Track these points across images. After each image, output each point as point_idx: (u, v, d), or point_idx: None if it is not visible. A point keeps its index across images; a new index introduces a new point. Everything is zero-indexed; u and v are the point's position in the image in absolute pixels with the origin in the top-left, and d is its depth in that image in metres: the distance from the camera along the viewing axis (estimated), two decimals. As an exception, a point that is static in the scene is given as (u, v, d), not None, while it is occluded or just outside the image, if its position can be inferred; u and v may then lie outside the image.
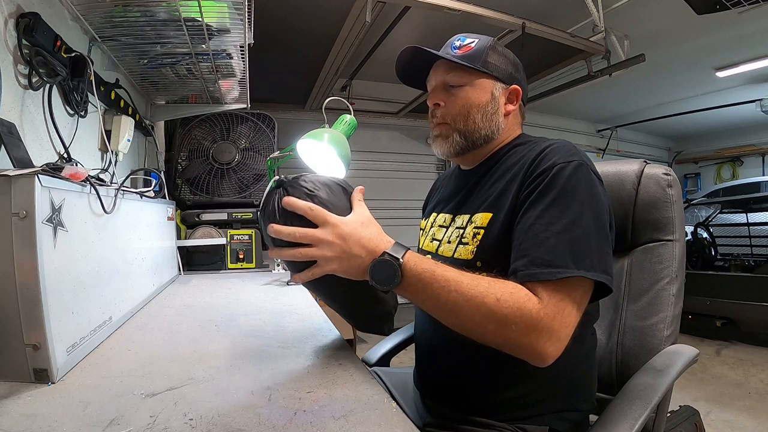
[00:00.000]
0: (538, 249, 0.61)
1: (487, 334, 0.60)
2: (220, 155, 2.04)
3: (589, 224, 0.63)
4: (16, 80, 0.92)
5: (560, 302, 0.59)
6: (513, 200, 0.70)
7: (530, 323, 0.57)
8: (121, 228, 0.97)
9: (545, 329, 0.58)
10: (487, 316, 0.58)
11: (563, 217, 0.63)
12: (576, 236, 0.62)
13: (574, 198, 0.64)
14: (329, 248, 0.62)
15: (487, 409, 0.72)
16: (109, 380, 0.63)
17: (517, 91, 0.83)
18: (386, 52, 3.28)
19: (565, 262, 0.60)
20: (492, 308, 0.58)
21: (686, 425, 0.94)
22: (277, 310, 1.11)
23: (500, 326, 0.58)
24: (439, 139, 0.83)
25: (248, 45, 1.34)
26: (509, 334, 0.58)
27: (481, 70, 0.79)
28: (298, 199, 0.63)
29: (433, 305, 0.62)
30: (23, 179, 0.59)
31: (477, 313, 0.59)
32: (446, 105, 0.81)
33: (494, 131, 0.81)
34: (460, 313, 0.60)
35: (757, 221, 3.65)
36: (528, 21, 2.45)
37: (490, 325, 0.58)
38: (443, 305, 0.61)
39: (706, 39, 3.36)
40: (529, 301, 0.58)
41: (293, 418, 0.52)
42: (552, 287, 0.59)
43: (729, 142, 6.72)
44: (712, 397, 2.31)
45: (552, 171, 0.67)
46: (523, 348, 0.59)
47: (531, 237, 0.63)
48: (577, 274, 0.59)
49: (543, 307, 0.58)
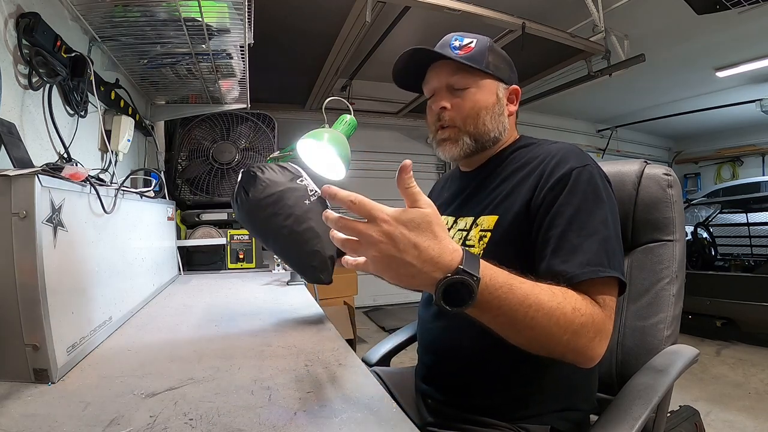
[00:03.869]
0: (577, 255, 0.62)
1: (558, 345, 0.57)
2: (220, 155, 2.04)
3: (611, 226, 0.65)
4: (16, 80, 0.92)
5: (611, 303, 0.61)
6: (523, 204, 0.70)
7: (598, 328, 0.58)
8: (121, 228, 0.97)
9: (606, 331, 0.59)
10: (564, 328, 0.55)
11: (592, 220, 0.64)
12: (605, 237, 0.63)
13: (598, 202, 0.66)
14: (375, 248, 0.48)
15: (489, 409, 0.72)
16: (109, 380, 0.63)
17: (517, 91, 0.83)
18: (386, 52, 3.29)
19: (603, 262, 0.61)
20: (570, 319, 0.56)
21: (686, 425, 0.94)
22: (277, 310, 1.11)
23: (574, 335, 0.56)
24: (448, 143, 0.81)
25: (248, 45, 1.34)
26: (581, 341, 0.57)
27: (486, 71, 0.78)
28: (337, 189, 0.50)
29: (506, 322, 0.55)
30: (23, 179, 0.59)
31: (556, 325, 0.55)
32: (453, 108, 0.79)
33: (502, 132, 0.81)
34: (537, 328, 0.55)
35: (757, 221, 3.64)
36: (528, 21, 2.45)
37: (565, 335, 0.56)
38: (520, 321, 0.54)
39: (706, 39, 3.36)
40: (595, 307, 0.59)
41: (293, 418, 0.51)
42: (599, 290, 0.61)
43: (729, 142, 6.72)
44: (712, 397, 2.31)
45: (571, 177, 0.67)
46: (586, 353, 0.58)
47: (567, 244, 0.63)
48: (613, 274, 0.61)
49: (603, 310, 0.59)
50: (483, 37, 0.81)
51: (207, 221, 1.95)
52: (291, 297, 1.29)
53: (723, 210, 3.90)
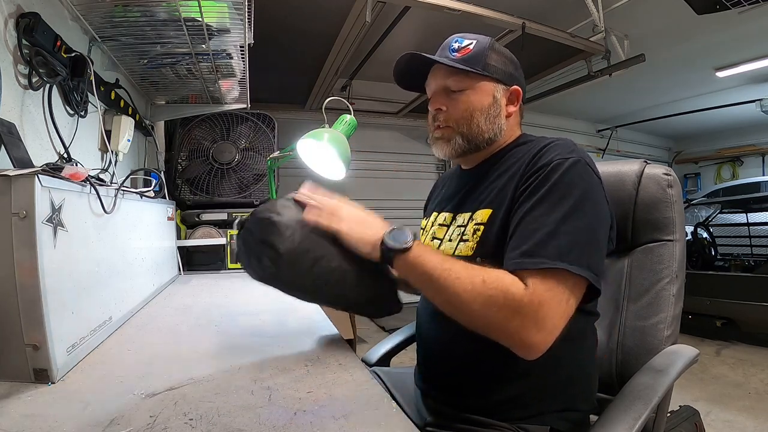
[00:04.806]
0: (526, 241, 0.63)
1: (473, 315, 0.62)
2: (220, 155, 2.04)
3: (579, 220, 0.63)
4: (16, 80, 0.92)
5: (546, 292, 0.59)
6: (511, 196, 0.71)
7: (513, 305, 0.59)
8: (121, 228, 0.97)
9: (530, 316, 0.58)
10: (472, 296, 0.60)
11: (554, 211, 0.64)
12: (564, 230, 0.62)
13: (567, 193, 0.65)
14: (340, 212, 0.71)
15: (489, 409, 0.72)
16: (109, 380, 0.63)
17: (518, 92, 0.82)
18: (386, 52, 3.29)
19: (549, 253, 0.61)
20: (477, 288, 0.60)
21: (686, 425, 0.94)
22: (277, 310, 1.11)
23: (484, 306, 0.60)
24: (441, 142, 0.82)
25: (248, 45, 1.34)
26: (493, 315, 0.60)
27: (482, 74, 0.78)
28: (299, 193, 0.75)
29: (426, 280, 0.65)
30: (23, 179, 0.59)
31: (464, 292, 0.61)
32: (448, 109, 0.80)
33: (497, 133, 0.81)
34: (449, 291, 0.62)
35: (757, 221, 3.64)
36: (528, 21, 2.45)
37: (474, 304, 0.60)
38: (435, 281, 0.64)
39: (706, 39, 3.36)
40: (513, 285, 0.60)
41: (293, 418, 0.51)
42: (538, 277, 0.60)
43: (729, 142, 6.72)
44: (712, 397, 2.31)
45: (549, 166, 0.67)
46: (508, 334, 0.60)
47: (521, 229, 0.65)
48: (560, 266, 0.60)
49: (528, 293, 0.59)
50: (484, 38, 0.81)
51: (207, 221, 1.95)
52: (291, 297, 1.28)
53: (723, 210, 3.89)
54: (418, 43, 3.37)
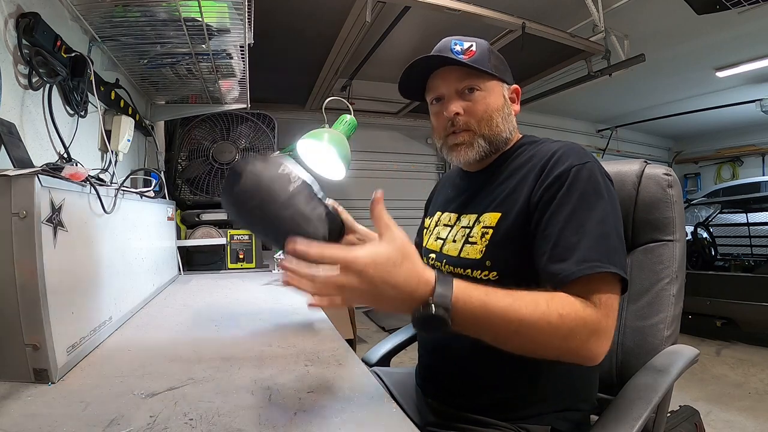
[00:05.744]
0: (574, 252, 0.62)
1: (550, 350, 0.59)
2: (220, 155, 2.04)
3: (611, 223, 0.64)
4: (16, 80, 0.92)
5: (607, 300, 0.60)
6: (524, 201, 0.70)
7: (592, 329, 0.58)
8: (121, 228, 0.97)
9: (602, 331, 0.59)
10: (552, 335, 0.57)
11: (590, 218, 0.64)
12: (603, 234, 0.63)
13: (597, 199, 0.65)
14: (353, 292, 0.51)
15: (489, 409, 0.72)
16: (109, 380, 0.63)
17: (518, 90, 0.83)
18: (386, 52, 3.29)
19: (599, 258, 0.61)
20: (557, 326, 0.56)
21: (686, 425, 0.94)
22: (277, 310, 1.11)
23: (565, 340, 0.57)
24: (462, 147, 0.80)
25: (248, 45, 1.34)
26: (573, 344, 0.58)
27: (493, 74, 0.79)
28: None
29: (491, 337, 0.58)
30: (23, 179, 0.59)
31: (541, 334, 0.57)
32: (466, 112, 0.79)
33: (511, 132, 0.82)
34: (524, 338, 0.57)
35: (757, 221, 3.64)
36: (528, 21, 2.45)
37: (555, 341, 0.58)
38: (503, 335, 0.57)
39: (706, 39, 3.37)
40: (587, 308, 0.59)
41: (293, 418, 0.51)
42: (596, 288, 0.60)
43: (729, 142, 6.73)
44: (712, 397, 2.31)
45: (570, 174, 0.67)
46: (581, 354, 0.59)
47: (563, 242, 0.63)
48: (612, 269, 0.60)
49: (597, 310, 0.59)
50: (481, 40, 0.81)
51: (207, 221, 1.94)
52: (291, 297, 1.28)
53: (723, 210, 3.90)
54: (418, 43, 3.37)
